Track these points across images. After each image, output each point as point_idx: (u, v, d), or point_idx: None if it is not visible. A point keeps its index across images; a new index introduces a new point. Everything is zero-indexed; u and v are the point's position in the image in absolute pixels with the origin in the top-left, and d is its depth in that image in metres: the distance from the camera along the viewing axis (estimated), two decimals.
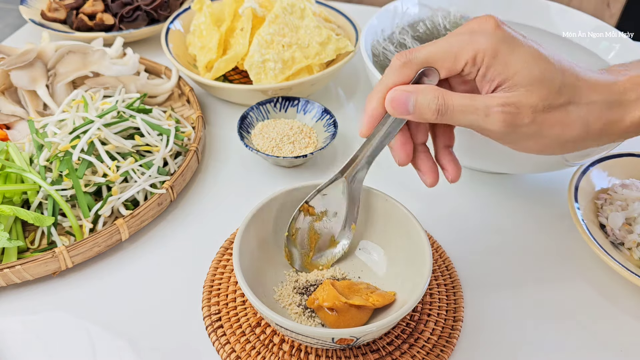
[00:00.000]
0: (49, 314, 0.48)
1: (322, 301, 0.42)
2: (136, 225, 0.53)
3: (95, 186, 0.54)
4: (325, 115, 0.66)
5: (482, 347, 0.46)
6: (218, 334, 0.45)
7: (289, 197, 0.48)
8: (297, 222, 0.47)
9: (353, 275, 0.48)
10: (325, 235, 0.48)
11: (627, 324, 0.48)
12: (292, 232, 0.47)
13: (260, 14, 0.71)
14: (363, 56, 0.61)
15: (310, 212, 0.47)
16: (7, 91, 0.68)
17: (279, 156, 0.60)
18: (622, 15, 1.42)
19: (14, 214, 0.49)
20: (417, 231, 0.44)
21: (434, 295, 0.49)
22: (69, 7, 0.87)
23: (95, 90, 0.66)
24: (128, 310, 0.48)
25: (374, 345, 0.45)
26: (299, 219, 0.47)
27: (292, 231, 0.47)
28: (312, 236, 0.48)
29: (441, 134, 0.42)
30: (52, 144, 0.56)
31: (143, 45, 0.87)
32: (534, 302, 0.49)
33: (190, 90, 0.70)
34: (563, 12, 0.74)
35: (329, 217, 0.48)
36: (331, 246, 0.48)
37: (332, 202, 0.47)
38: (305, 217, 0.47)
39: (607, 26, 0.70)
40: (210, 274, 0.50)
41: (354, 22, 0.77)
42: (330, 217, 0.48)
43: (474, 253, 0.54)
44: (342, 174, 0.45)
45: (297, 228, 0.47)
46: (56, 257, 0.48)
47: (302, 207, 0.47)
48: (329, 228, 0.48)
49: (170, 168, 0.59)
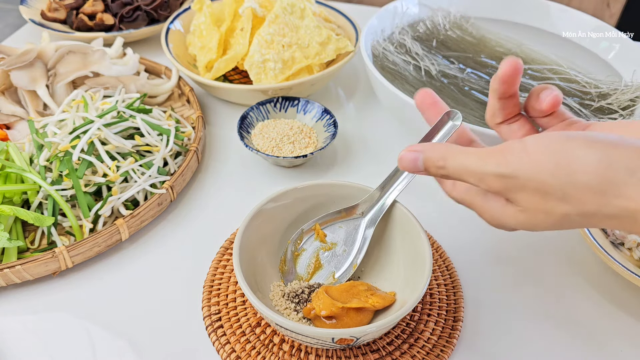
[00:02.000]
0: (49, 314, 0.48)
1: (319, 310, 0.42)
2: (136, 225, 0.53)
3: (95, 186, 0.54)
4: (325, 115, 0.66)
5: (482, 347, 0.46)
6: (218, 334, 0.45)
7: (289, 197, 0.48)
8: (305, 241, 0.47)
9: (353, 276, 0.48)
10: (327, 268, 0.47)
11: (627, 324, 0.48)
12: (297, 250, 0.47)
13: (260, 14, 0.71)
14: (363, 56, 0.61)
15: (320, 237, 0.47)
16: (7, 91, 0.68)
17: (279, 156, 0.60)
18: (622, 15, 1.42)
19: (14, 214, 0.49)
20: (417, 231, 0.44)
21: (434, 295, 0.49)
22: (69, 7, 0.87)
23: (95, 90, 0.66)
24: (128, 310, 0.48)
25: (374, 345, 0.45)
26: (308, 240, 0.47)
27: (296, 247, 0.47)
28: (316, 264, 0.47)
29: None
30: (52, 144, 0.56)
31: (143, 45, 0.87)
32: (534, 302, 0.49)
33: (190, 90, 0.70)
34: (563, 12, 0.74)
35: (336, 252, 0.47)
36: (328, 280, 0.47)
37: (344, 238, 0.47)
38: (315, 241, 0.47)
39: (607, 26, 0.70)
40: (210, 274, 0.50)
41: (354, 22, 0.77)
42: (338, 252, 0.47)
43: (474, 253, 0.54)
44: (364, 215, 0.45)
45: (303, 248, 0.47)
46: (56, 257, 0.48)
47: (314, 228, 0.47)
48: (334, 263, 0.47)
49: (170, 168, 0.59)
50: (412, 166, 0.35)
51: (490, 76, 0.63)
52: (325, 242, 0.47)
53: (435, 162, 0.34)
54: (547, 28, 0.75)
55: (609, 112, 0.59)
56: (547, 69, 0.65)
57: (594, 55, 0.70)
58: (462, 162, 0.33)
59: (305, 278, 0.47)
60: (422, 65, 0.64)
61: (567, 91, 0.61)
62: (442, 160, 0.34)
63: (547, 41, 0.72)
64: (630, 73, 0.64)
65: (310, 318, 0.44)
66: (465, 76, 0.63)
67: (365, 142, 0.68)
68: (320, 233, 0.47)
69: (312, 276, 0.47)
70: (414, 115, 0.55)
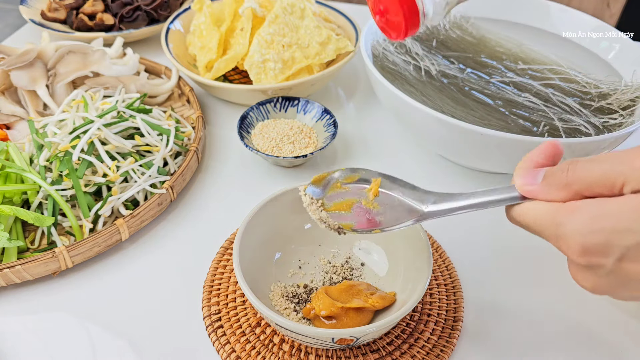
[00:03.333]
0: (49, 314, 0.48)
1: (319, 310, 0.42)
2: (136, 225, 0.53)
3: (95, 186, 0.54)
4: (325, 115, 0.66)
5: (482, 347, 0.46)
6: (218, 334, 0.45)
7: (289, 197, 0.48)
8: (355, 183, 0.42)
9: (354, 276, 0.48)
10: (351, 216, 0.42)
11: (627, 324, 0.48)
12: (341, 184, 0.42)
13: (260, 14, 0.71)
14: (363, 56, 0.61)
15: (374, 192, 0.42)
16: (7, 91, 0.68)
17: (279, 156, 0.60)
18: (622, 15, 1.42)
19: (14, 214, 0.49)
20: (417, 231, 0.44)
21: (434, 295, 0.49)
22: (69, 7, 0.87)
23: (95, 90, 0.66)
24: (128, 310, 0.48)
25: (374, 345, 0.45)
26: (358, 184, 0.42)
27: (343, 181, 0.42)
28: (345, 205, 0.42)
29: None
30: (52, 144, 0.56)
31: (143, 45, 0.87)
32: (534, 302, 0.49)
33: (190, 90, 0.70)
34: (563, 12, 0.74)
35: (372, 212, 0.41)
36: (344, 222, 0.42)
37: (391, 209, 0.41)
38: (364, 191, 0.42)
39: (607, 26, 0.70)
40: (210, 274, 0.50)
41: (354, 22, 0.77)
42: (373, 213, 0.41)
43: (474, 253, 0.54)
44: (426, 206, 0.39)
45: (347, 187, 0.42)
46: (56, 257, 0.48)
47: (375, 181, 0.42)
48: (361, 218, 0.42)
49: (170, 168, 0.59)
50: (531, 177, 0.33)
51: (490, 76, 0.64)
52: (371, 199, 0.42)
53: (561, 166, 0.32)
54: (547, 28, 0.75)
55: (609, 112, 0.59)
56: (547, 69, 0.65)
57: (594, 55, 0.70)
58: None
59: (327, 206, 0.43)
60: (422, 65, 0.64)
61: (567, 91, 0.61)
62: (569, 162, 0.32)
63: (547, 41, 0.72)
64: (630, 73, 0.64)
65: (309, 318, 0.44)
66: (465, 76, 0.63)
67: (365, 142, 0.68)
68: (375, 190, 0.42)
69: (334, 210, 0.42)
70: (414, 115, 0.55)
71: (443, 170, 0.64)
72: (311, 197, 0.42)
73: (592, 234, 0.29)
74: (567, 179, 0.31)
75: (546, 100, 0.60)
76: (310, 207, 0.42)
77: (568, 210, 0.30)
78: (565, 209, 0.31)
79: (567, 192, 0.31)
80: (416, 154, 0.66)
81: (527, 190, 0.33)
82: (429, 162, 0.65)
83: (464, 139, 0.53)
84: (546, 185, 0.32)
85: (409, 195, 0.40)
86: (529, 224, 0.34)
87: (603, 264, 0.30)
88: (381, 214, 0.41)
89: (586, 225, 0.29)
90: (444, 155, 0.63)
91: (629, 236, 0.28)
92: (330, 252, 0.50)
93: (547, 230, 0.32)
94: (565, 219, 0.30)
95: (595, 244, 0.29)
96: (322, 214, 0.42)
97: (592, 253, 0.30)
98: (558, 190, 0.32)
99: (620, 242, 0.29)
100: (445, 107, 0.59)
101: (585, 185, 0.30)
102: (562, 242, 0.31)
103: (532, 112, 0.58)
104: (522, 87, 0.62)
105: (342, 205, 0.42)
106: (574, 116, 0.57)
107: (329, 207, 0.42)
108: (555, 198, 0.32)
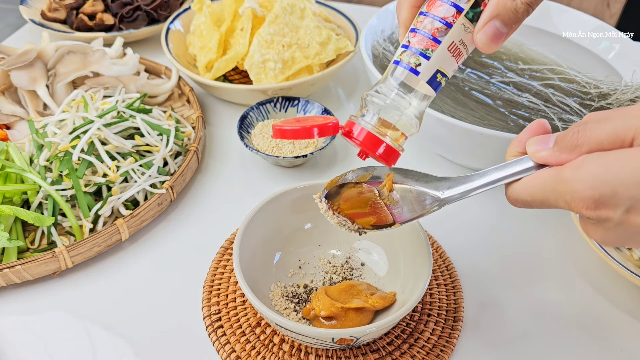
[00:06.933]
0: (49, 314, 0.48)
1: (319, 311, 0.42)
2: (136, 225, 0.53)
3: (95, 186, 0.54)
4: (325, 115, 0.65)
5: (482, 347, 0.46)
6: (218, 334, 0.45)
7: (289, 197, 0.48)
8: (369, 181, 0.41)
9: (354, 276, 0.48)
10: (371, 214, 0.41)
11: (627, 324, 0.48)
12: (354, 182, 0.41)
13: (260, 14, 0.71)
14: (363, 56, 0.61)
15: (388, 187, 0.40)
16: (7, 91, 0.68)
17: (279, 156, 0.60)
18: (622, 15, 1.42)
19: (14, 214, 0.49)
20: (417, 231, 0.44)
21: (434, 295, 0.49)
22: (69, 7, 0.87)
23: (95, 90, 0.66)
24: (128, 310, 0.48)
25: (374, 345, 0.45)
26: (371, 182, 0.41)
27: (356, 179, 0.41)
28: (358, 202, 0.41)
29: None
30: (52, 144, 0.56)
31: (143, 45, 0.87)
32: (534, 302, 0.49)
33: (190, 90, 0.70)
34: (563, 12, 0.74)
35: (390, 207, 0.40)
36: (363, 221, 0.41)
37: (407, 202, 0.40)
38: (381, 189, 0.41)
39: (607, 26, 0.70)
40: (210, 274, 0.50)
41: (354, 22, 0.77)
42: (392, 208, 0.40)
43: (474, 253, 0.54)
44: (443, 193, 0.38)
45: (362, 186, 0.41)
46: (56, 257, 0.48)
47: (388, 176, 0.41)
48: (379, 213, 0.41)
49: (170, 168, 0.59)
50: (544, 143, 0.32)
51: (490, 76, 0.64)
52: (386, 194, 0.41)
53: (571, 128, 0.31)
54: (547, 28, 0.75)
55: None
56: (547, 69, 0.65)
57: (594, 55, 0.70)
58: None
59: (343, 208, 0.42)
60: None
61: (567, 91, 0.61)
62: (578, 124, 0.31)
63: (547, 41, 0.72)
64: (630, 73, 0.64)
65: (309, 318, 0.44)
66: (465, 76, 0.63)
67: None
68: (389, 185, 0.41)
69: (351, 211, 0.41)
70: None
71: (443, 170, 0.64)
72: (327, 202, 0.42)
73: (598, 187, 0.29)
74: (578, 140, 0.31)
75: (546, 100, 0.60)
76: (328, 212, 0.41)
77: (573, 166, 0.30)
78: (570, 166, 0.30)
79: (577, 154, 0.31)
80: (416, 153, 0.66)
81: (540, 157, 0.33)
82: (429, 162, 0.65)
83: (464, 139, 0.53)
84: (557, 150, 0.32)
85: (423, 185, 0.39)
86: (535, 194, 0.33)
87: (611, 217, 0.29)
88: (399, 207, 0.40)
89: (592, 178, 0.29)
90: (444, 155, 0.63)
91: (636, 188, 0.28)
92: (330, 252, 0.50)
93: (553, 191, 0.31)
94: (570, 174, 0.30)
95: (602, 195, 0.29)
96: (339, 217, 0.41)
97: (599, 205, 0.29)
98: (569, 152, 0.31)
99: (627, 194, 0.28)
100: (445, 107, 0.59)
101: (596, 144, 0.30)
102: (568, 198, 0.30)
103: (532, 112, 0.58)
104: (522, 87, 0.62)
105: (358, 204, 0.42)
106: (574, 116, 0.57)
107: (346, 209, 0.42)
108: (566, 161, 0.31)
